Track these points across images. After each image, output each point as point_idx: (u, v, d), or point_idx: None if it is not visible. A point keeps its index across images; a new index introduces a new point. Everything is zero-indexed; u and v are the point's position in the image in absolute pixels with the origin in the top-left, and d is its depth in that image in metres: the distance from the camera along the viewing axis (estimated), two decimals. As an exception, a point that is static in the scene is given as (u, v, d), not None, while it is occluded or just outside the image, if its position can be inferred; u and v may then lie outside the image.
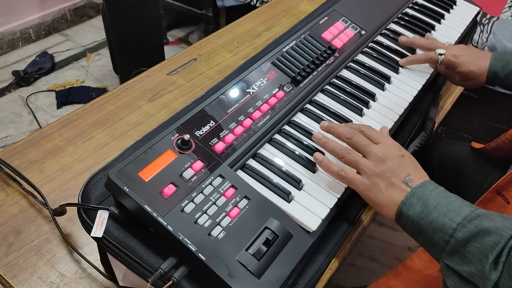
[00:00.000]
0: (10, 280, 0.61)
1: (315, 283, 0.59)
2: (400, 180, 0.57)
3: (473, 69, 0.81)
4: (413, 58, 0.84)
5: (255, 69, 0.71)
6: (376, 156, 0.58)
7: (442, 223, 0.51)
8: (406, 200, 0.55)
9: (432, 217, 0.52)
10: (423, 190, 0.55)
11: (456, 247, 0.50)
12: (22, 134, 1.90)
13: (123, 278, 0.59)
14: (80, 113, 0.85)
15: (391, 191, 0.56)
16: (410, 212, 0.54)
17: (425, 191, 0.55)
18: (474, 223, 0.50)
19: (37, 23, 2.39)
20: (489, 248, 0.47)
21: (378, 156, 0.58)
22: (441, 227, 0.51)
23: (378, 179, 0.57)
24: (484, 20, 1.59)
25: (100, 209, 0.55)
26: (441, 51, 0.83)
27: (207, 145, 0.59)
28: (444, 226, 0.51)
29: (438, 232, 0.51)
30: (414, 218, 0.54)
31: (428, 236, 0.52)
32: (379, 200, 0.57)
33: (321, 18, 0.84)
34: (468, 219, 0.50)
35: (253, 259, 0.51)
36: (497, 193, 0.70)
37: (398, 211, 0.55)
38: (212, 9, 2.19)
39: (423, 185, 0.56)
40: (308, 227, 0.56)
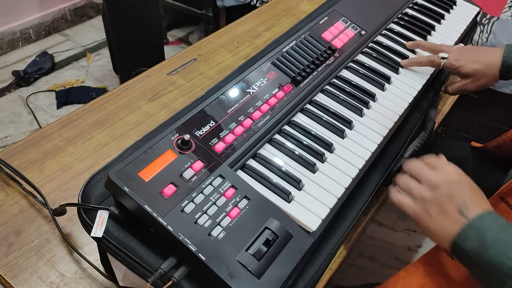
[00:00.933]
0: (10, 280, 0.61)
1: (315, 283, 0.59)
2: (455, 209, 0.53)
3: (478, 67, 0.80)
4: (415, 60, 0.84)
5: (255, 69, 0.71)
6: (429, 181, 0.55)
7: (499, 261, 0.48)
8: (461, 232, 0.51)
9: (489, 255, 0.49)
10: (481, 223, 0.51)
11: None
12: (22, 134, 1.90)
13: (123, 278, 0.59)
14: (80, 113, 0.85)
15: (443, 220, 0.53)
16: (466, 246, 0.51)
17: (483, 224, 0.51)
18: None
19: (37, 23, 2.39)
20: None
21: (431, 181, 0.55)
22: (498, 266, 0.48)
23: (429, 206, 0.54)
24: (484, 20, 1.59)
25: (100, 209, 0.55)
26: (444, 55, 0.82)
27: (207, 145, 0.59)
28: (502, 266, 0.48)
29: (495, 270, 0.49)
30: (469, 253, 0.51)
31: (483, 273, 0.50)
32: (430, 228, 0.54)
33: (321, 18, 0.84)
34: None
35: (253, 259, 0.51)
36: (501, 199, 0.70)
37: (453, 243, 0.52)
38: (212, 9, 2.19)
39: (482, 216, 0.52)
40: (308, 227, 0.56)
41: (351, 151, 0.67)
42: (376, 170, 0.71)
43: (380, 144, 0.69)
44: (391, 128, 0.72)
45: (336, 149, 0.66)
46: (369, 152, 0.67)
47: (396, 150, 0.75)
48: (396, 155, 0.75)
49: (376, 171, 0.71)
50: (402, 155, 0.76)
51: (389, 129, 0.72)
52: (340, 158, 0.66)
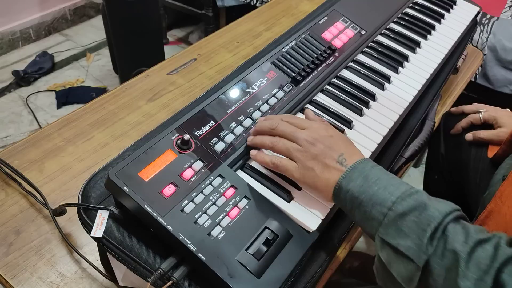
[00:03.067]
0: (10, 280, 0.61)
1: (315, 283, 0.59)
2: (334, 160, 0.56)
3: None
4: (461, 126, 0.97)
5: (255, 69, 0.71)
6: (305, 140, 0.57)
7: (382, 196, 0.51)
8: (347, 174, 0.54)
9: (372, 191, 0.52)
10: (364, 166, 0.55)
11: (393, 220, 0.49)
12: (22, 134, 1.90)
13: (123, 278, 0.59)
14: (80, 113, 0.85)
15: (327, 174, 0.55)
16: (350, 186, 0.53)
17: (366, 166, 0.54)
18: (413, 197, 0.50)
19: (37, 23, 2.39)
20: (427, 222, 0.47)
21: (307, 140, 0.57)
22: (380, 200, 0.51)
23: (312, 163, 0.56)
24: (484, 20, 1.59)
25: (100, 209, 0.55)
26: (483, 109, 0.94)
27: (207, 145, 0.59)
28: (384, 199, 0.51)
29: (377, 205, 0.51)
30: (354, 192, 0.53)
31: (366, 211, 0.52)
32: (317, 185, 0.56)
33: (321, 18, 0.84)
34: (407, 193, 0.50)
35: (253, 259, 0.51)
36: None
37: (337, 185, 0.54)
38: (212, 9, 2.19)
39: (363, 161, 0.55)
40: (308, 227, 0.56)
41: (351, 151, 0.67)
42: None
43: (380, 143, 0.69)
44: (391, 127, 0.72)
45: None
46: (369, 152, 0.67)
47: (396, 150, 0.75)
48: (396, 155, 0.75)
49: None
50: (402, 155, 0.76)
51: (389, 128, 0.72)
52: (340, 158, 0.65)
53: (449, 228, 0.47)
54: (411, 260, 0.47)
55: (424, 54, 0.87)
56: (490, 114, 0.93)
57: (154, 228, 0.52)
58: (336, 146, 0.57)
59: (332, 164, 0.56)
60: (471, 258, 0.45)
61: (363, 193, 0.52)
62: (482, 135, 0.93)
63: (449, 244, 0.46)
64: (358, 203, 0.52)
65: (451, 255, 0.46)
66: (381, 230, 0.51)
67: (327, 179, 0.55)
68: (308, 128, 0.59)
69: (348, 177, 0.54)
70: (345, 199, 0.54)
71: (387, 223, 0.50)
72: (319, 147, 0.57)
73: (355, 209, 0.53)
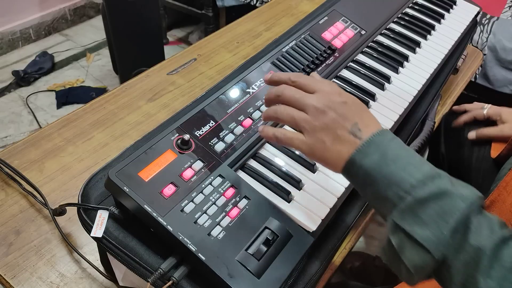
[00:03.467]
0: (10, 280, 0.61)
1: (315, 283, 0.59)
2: (347, 131, 0.50)
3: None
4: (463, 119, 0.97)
5: (255, 69, 0.71)
6: (314, 107, 0.51)
7: (400, 177, 0.46)
8: (361, 148, 0.48)
9: (390, 170, 0.47)
10: (382, 139, 0.49)
11: (411, 206, 0.45)
12: (22, 134, 1.90)
13: (123, 278, 0.59)
14: (80, 113, 0.85)
15: (339, 146, 0.50)
16: (364, 161, 0.48)
17: (383, 139, 0.49)
18: (436, 182, 0.45)
19: (37, 23, 2.39)
20: (450, 213, 0.43)
21: (316, 107, 0.51)
22: (398, 181, 0.46)
23: (321, 134, 0.50)
24: (484, 20, 1.59)
25: (100, 209, 0.55)
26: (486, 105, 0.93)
27: (207, 145, 0.59)
28: (402, 181, 0.46)
29: (393, 186, 0.46)
30: (368, 168, 0.48)
31: (380, 190, 0.47)
32: (327, 158, 0.51)
33: (321, 18, 0.84)
34: (429, 177, 0.46)
35: (253, 259, 0.51)
36: None
37: (350, 160, 0.49)
38: (212, 9, 2.19)
39: (381, 133, 0.49)
40: (308, 227, 0.56)
41: (351, 151, 0.67)
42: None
43: (380, 144, 0.69)
44: (391, 127, 0.72)
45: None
46: (369, 152, 0.67)
47: (396, 150, 0.75)
48: (396, 155, 0.75)
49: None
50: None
51: (389, 128, 0.72)
52: (340, 158, 0.65)
53: (473, 220, 0.44)
54: (428, 250, 0.43)
55: (424, 54, 0.87)
56: (494, 110, 0.92)
57: (154, 228, 0.52)
58: (350, 114, 0.51)
59: (344, 135, 0.50)
60: (495, 256, 0.42)
61: (378, 171, 0.47)
62: (486, 132, 0.91)
63: (472, 238, 0.43)
64: (371, 180, 0.48)
65: (474, 250, 0.42)
66: (395, 213, 0.46)
67: (339, 152, 0.50)
68: (318, 92, 0.52)
69: (363, 152, 0.48)
70: (357, 174, 0.49)
71: (404, 208, 0.45)
72: (330, 115, 0.50)
73: (368, 186, 0.48)
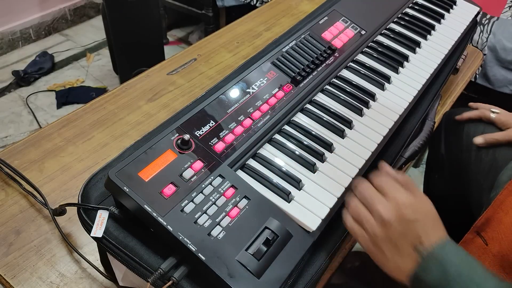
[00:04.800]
0: (10, 280, 0.61)
1: (315, 283, 0.59)
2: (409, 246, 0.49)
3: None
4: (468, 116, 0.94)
5: (255, 69, 0.71)
6: (380, 217, 0.50)
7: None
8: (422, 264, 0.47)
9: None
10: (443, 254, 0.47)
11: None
12: (22, 134, 1.90)
13: (123, 278, 0.59)
14: (80, 113, 0.85)
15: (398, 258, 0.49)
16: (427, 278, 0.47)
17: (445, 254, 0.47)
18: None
19: (37, 23, 2.39)
20: None
21: (382, 217, 0.50)
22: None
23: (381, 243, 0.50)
24: (484, 20, 1.59)
25: (100, 209, 0.55)
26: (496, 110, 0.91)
27: (207, 145, 0.59)
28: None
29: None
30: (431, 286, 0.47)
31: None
32: (386, 267, 0.51)
33: (321, 18, 0.84)
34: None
35: (253, 259, 0.51)
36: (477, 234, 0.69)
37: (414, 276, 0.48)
38: (212, 9, 2.19)
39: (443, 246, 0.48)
40: (308, 227, 0.56)
41: (351, 150, 0.67)
42: (376, 170, 0.71)
43: (380, 143, 0.69)
44: (391, 127, 0.72)
45: (336, 148, 0.66)
46: (369, 152, 0.67)
47: (396, 150, 0.75)
48: (396, 155, 0.75)
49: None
50: (402, 155, 0.76)
51: (389, 128, 0.72)
52: (340, 158, 0.66)
53: None
54: None
55: (424, 54, 0.87)
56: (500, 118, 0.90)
57: (154, 228, 0.52)
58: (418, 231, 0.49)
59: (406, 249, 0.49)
60: None
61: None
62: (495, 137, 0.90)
63: None
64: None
65: None
66: None
67: (398, 267, 0.49)
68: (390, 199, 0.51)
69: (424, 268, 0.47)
70: None
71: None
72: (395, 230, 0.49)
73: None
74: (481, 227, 0.66)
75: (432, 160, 1.17)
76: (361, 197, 0.54)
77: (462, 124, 0.99)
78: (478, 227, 0.66)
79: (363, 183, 0.55)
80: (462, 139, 0.98)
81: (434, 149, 1.12)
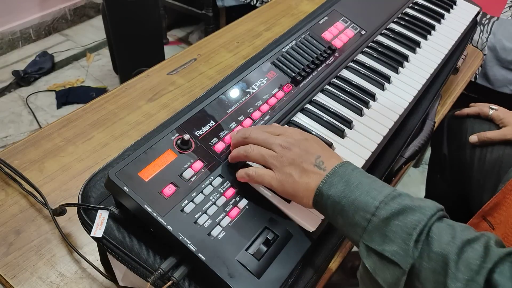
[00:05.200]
0: (10, 280, 0.61)
1: (315, 283, 0.59)
2: (312, 164, 0.54)
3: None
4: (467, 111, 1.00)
5: (255, 69, 0.71)
6: (280, 146, 0.55)
7: (364, 201, 0.49)
8: (327, 179, 0.52)
9: (354, 196, 0.50)
10: (345, 169, 0.52)
11: (377, 226, 0.48)
12: (22, 134, 1.90)
13: (123, 278, 0.59)
14: (80, 113, 0.85)
15: (306, 178, 0.53)
16: (331, 191, 0.51)
17: (346, 170, 0.52)
18: (396, 201, 0.48)
19: (37, 23, 2.39)
20: (412, 226, 0.46)
21: (281, 145, 0.55)
22: (363, 205, 0.49)
23: (289, 168, 0.54)
24: (484, 20, 1.59)
25: (100, 209, 0.55)
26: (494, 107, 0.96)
27: (207, 145, 0.59)
28: (366, 205, 0.49)
29: (360, 211, 0.49)
30: (335, 197, 0.51)
31: (348, 217, 0.50)
32: (296, 191, 0.54)
33: (321, 18, 0.84)
34: (390, 197, 0.48)
35: (253, 259, 0.51)
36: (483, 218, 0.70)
37: (318, 191, 0.52)
38: (212, 9, 2.19)
39: (343, 164, 0.53)
40: (308, 227, 0.56)
41: (351, 150, 0.67)
42: (376, 170, 0.71)
43: (380, 143, 0.69)
44: (391, 127, 0.72)
45: (336, 148, 0.66)
46: (369, 152, 0.67)
47: (396, 150, 0.75)
48: (396, 155, 0.75)
49: (376, 171, 0.71)
50: (402, 155, 0.76)
51: (389, 128, 0.72)
52: (340, 158, 0.65)
53: (433, 229, 0.46)
54: (397, 265, 0.46)
55: (424, 54, 0.87)
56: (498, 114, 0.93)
57: (154, 228, 0.52)
58: (312, 149, 0.55)
59: (310, 168, 0.54)
60: (460, 259, 0.43)
61: (344, 199, 0.50)
62: (489, 135, 0.93)
63: (435, 246, 0.45)
64: (339, 209, 0.50)
65: (438, 257, 0.44)
66: (365, 236, 0.49)
67: (307, 184, 0.53)
68: (282, 134, 0.58)
69: (329, 182, 0.52)
70: (326, 205, 0.52)
71: (371, 229, 0.48)
72: (295, 151, 0.55)
73: (337, 215, 0.51)
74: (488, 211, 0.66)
75: (434, 161, 1.17)
76: (255, 142, 0.57)
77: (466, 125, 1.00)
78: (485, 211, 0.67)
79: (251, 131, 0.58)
80: (465, 140, 0.98)
81: (436, 149, 1.12)
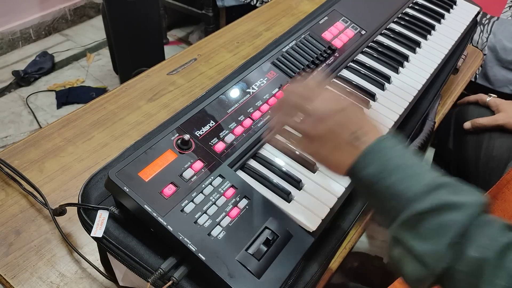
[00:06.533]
0: (10, 280, 0.61)
1: (315, 283, 0.59)
2: (345, 139, 0.50)
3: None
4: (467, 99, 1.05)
5: (255, 69, 0.71)
6: (315, 116, 0.52)
7: (399, 190, 0.45)
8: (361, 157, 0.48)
9: (390, 181, 0.46)
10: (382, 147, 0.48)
11: (409, 220, 0.44)
12: (22, 134, 1.90)
13: (123, 278, 0.59)
14: (80, 113, 0.85)
15: (338, 155, 0.50)
16: (364, 173, 0.47)
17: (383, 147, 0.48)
18: (435, 195, 0.44)
19: (37, 23, 2.38)
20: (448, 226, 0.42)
21: (314, 115, 0.52)
22: (397, 194, 0.45)
23: (320, 142, 0.51)
24: (484, 20, 1.59)
25: (100, 209, 0.55)
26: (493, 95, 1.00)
27: (207, 145, 0.59)
28: (401, 194, 0.45)
29: (393, 199, 0.45)
30: (368, 179, 0.47)
31: (380, 202, 0.47)
32: (328, 164, 0.52)
33: (321, 18, 0.84)
34: (429, 189, 0.44)
35: (253, 259, 0.51)
36: None
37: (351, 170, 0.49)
38: (212, 9, 2.19)
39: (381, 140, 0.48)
40: (308, 227, 0.56)
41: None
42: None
43: (380, 144, 0.69)
44: (391, 127, 0.72)
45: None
46: (369, 152, 0.67)
47: (396, 150, 0.75)
48: (396, 155, 0.75)
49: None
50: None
51: (389, 128, 0.72)
52: (340, 158, 0.65)
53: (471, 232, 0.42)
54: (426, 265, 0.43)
55: (424, 54, 0.87)
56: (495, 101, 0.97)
57: (154, 228, 0.52)
58: (348, 122, 0.50)
59: (343, 144, 0.49)
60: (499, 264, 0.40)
61: (378, 183, 0.46)
62: (481, 121, 0.97)
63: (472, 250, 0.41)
64: (373, 192, 0.47)
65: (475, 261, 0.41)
66: (394, 226, 0.45)
67: (338, 160, 0.50)
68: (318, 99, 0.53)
69: (362, 162, 0.48)
70: (359, 184, 0.49)
71: (402, 222, 0.44)
72: (328, 124, 0.50)
73: (370, 196, 0.48)
74: None
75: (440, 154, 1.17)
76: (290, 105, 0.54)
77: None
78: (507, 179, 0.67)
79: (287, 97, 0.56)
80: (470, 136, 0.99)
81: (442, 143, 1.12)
